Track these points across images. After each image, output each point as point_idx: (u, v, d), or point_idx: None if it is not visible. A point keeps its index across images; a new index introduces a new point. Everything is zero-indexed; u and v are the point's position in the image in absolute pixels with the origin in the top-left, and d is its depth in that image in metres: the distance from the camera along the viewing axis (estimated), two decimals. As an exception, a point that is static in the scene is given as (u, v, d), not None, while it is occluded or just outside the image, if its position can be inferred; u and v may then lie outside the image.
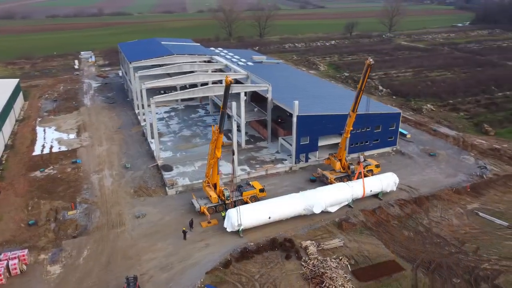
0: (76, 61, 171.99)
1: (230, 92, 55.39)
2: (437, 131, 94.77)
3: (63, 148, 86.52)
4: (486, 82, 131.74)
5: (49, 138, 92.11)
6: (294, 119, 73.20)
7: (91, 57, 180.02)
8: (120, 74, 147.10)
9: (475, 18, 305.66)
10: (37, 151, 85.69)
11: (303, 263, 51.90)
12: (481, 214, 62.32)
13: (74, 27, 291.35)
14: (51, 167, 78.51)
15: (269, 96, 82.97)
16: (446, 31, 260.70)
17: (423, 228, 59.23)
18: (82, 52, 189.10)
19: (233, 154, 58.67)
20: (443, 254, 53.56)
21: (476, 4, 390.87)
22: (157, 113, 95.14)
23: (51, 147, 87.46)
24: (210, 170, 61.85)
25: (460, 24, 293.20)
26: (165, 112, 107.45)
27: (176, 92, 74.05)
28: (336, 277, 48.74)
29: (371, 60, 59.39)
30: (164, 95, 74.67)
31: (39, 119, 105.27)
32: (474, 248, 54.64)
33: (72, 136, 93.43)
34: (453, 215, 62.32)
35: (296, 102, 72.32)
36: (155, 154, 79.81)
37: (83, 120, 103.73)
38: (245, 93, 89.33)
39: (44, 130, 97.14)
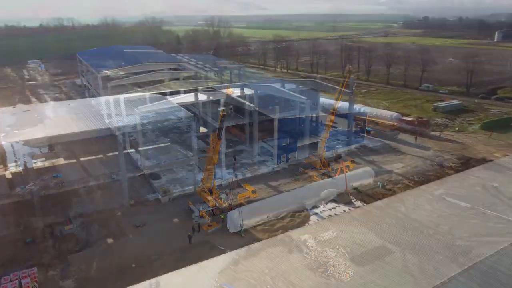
0: (25, 71, 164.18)
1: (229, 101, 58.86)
2: (396, 126, 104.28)
3: (39, 163, 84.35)
4: (428, 80, 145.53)
5: (20, 153, 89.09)
6: (275, 123, 77.87)
7: (40, 66, 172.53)
8: (78, 83, 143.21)
9: (407, 19, 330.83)
10: (10, 167, 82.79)
11: (305, 255, 56.65)
12: (447, 198, 70.91)
13: (9, 33, 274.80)
14: (32, 183, 76.57)
15: (247, 101, 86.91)
16: (386, 31, 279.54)
17: (401, 215, 66.38)
18: (29, 61, 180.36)
19: (234, 159, 62.04)
20: (423, 236, 60.87)
21: (405, 4, 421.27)
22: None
23: (25, 162, 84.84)
24: (206, 175, 64.66)
25: (395, 25, 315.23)
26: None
27: (165, 101, 75.67)
28: (338, 265, 54.15)
29: (351, 66, 65.78)
30: (149, 105, 75.97)
31: (3, 134, 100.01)
32: (447, 229, 62.56)
33: (44, 150, 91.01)
34: (424, 201, 70.29)
35: (277, 107, 77.11)
36: (139, 163, 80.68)
37: (52, 133, 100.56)
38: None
39: (12, 145, 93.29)
